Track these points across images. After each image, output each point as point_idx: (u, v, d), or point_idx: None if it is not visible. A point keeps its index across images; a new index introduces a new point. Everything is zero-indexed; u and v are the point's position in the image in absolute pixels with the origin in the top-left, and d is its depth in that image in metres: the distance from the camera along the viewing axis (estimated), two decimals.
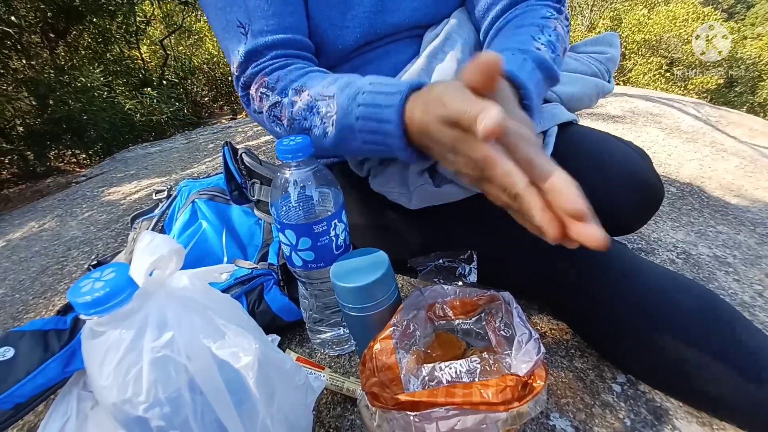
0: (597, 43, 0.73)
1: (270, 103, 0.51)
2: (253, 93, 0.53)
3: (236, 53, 0.53)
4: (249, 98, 0.55)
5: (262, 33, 0.52)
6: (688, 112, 1.74)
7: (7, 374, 0.51)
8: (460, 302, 0.49)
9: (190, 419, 0.31)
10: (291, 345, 0.64)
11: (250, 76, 0.53)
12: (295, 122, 0.50)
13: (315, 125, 0.48)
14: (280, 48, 0.53)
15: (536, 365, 0.37)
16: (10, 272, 1.11)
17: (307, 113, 0.49)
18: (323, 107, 0.47)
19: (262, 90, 0.52)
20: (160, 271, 0.32)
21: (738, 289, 0.71)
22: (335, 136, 0.47)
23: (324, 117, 0.47)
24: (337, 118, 0.46)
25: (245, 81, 0.54)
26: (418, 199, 0.56)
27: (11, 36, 3.04)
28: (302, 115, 0.49)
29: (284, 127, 0.52)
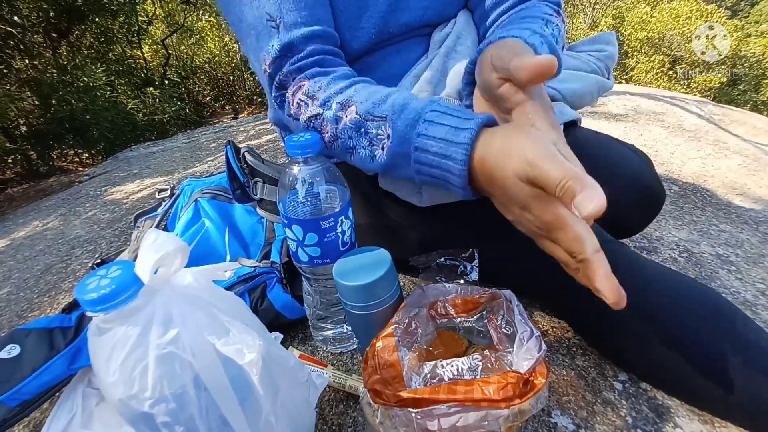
0: (595, 42, 0.73)
1: (310, 114, 0.49)
2: (290, 97, 0.51)
3: (268, 49, 0.50)
4: (284, 100, 0.52)
5: (296, 25, 0.49)
6: (691, 111, 1.73)
7: (14, 372, 0.51)
8: (462, 300, 0.49)
9: (195, 415, 0.32)
10: (294, 342, 0.64)
11: (286, 75, 0.50)
12: (339, 140, 0.48)
13: (362, 146, 0.46)
14: (316, 41, 0.51)
15: (537, 362, 0.38)
16: (14, 271, 1.12)
17: (353, 132, 0.46)
18: (373, 129, 0.45)
19: (300, 97, 0.49)
20: (165, 269, 0.32)
21: (740, 287, 0.71)
22: (385, 162, 0.45)
23: (374, 139, 0.45)
24: (391, 144, 0.43)
25: (281, 80, 0.51)
26: (429, 197, 0.56)
27: (14, 36, 3.06)
28: (347, 134, 0.47)
29: (324, 141, 0.49)
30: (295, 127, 0.53)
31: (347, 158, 0.50)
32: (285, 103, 0.52)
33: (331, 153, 0.50)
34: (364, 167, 0.48)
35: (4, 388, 0.49)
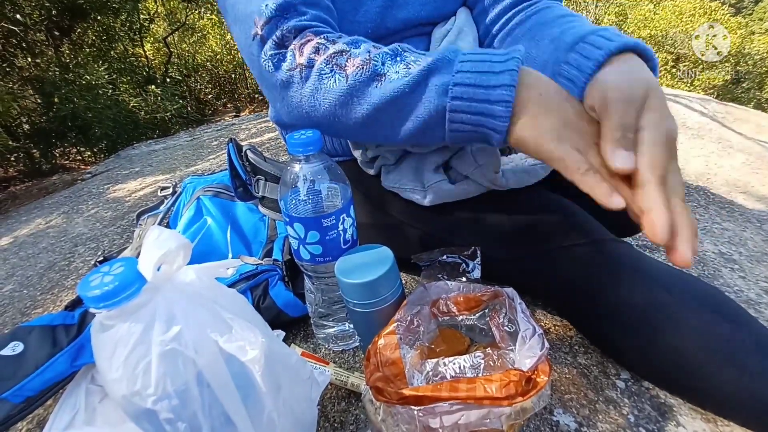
0: None
1: (334, 51, 0.43)
2: (296, 48, 0.45)
3: (261, 8, 0.45)
4: (285, 56, 0.46)
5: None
6: (694, 108, 1.73)
7: (17, 368, 0.51)
8: (464, 298, 0.49)
9: (198, 412, 0.32)
10: (296, 340, 0.64)
11: (290, 30, 0.45)
12: (370, 64, 0.42)
13: (394, 71, 0.41)
14: (318, 8, 0.47)
15: (540, 360, 0.38)
16: (18, 268, 1.12)
17: (387, 58, 0.42)
18: (411, 56, 0.41)
19: (318, 41, 0.44)
20: (168, 266, 0.32)
21: (743, 286, 0.71)
22: (417, 75, 0.40)
23: (410, 64, 0.41)
24: (431, 63, 0.40)
25: (282, 35, 0.45)
26: (433, 196, 0.56)
27: (16, 34, 3.07)
28: (381, 59, 0.42)
29: (345, 76, 0.43)
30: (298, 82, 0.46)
31: (368, 90, 0.43)
32: (287, 58, 0.46)
33: (344, 98, 0.44)
34: (386, 95, 0.42)
35: (8, 385, 0.49)
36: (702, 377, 0.44)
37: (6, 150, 2.87)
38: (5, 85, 2.90)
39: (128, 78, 4.11)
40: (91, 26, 3.81)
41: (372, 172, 0.64)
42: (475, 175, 0.55)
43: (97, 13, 3.63)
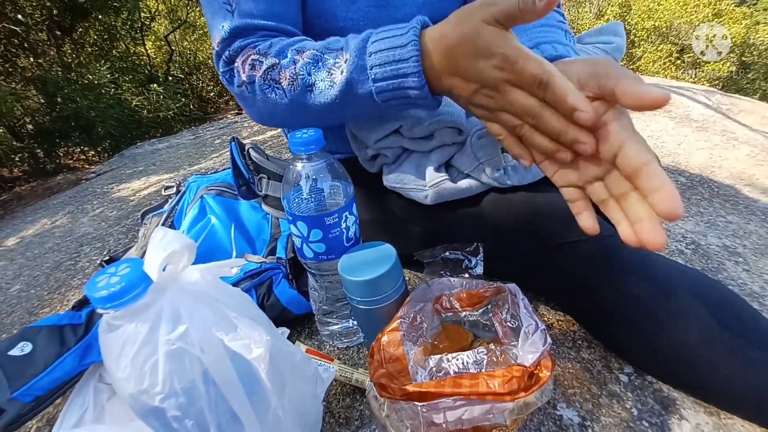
0: (601, 33, 0.72)
1: (266, 67, 0.47)
2: (239, 65, 0.50)
3: (220, 29, 0.50)
4: (233, 72, 0.51)
5: (251, 15, 0.50)
6: (698, 101, 1.71)
7: (26, 368, 0.52)
8: (467, 294, 0.49)
9: (204, 409, 0.32)
10: (300, 337, 0.65)
11: (236, 50, 0.50)
12: (298, 78, 0.46)
13: (320, 79, 0.45)
14: (268, 32, 0.51)
15: (542, 356, 0.38)
16: (24, 268, 1.13)
17: (311, 67, 0.45)
18: (330, 59, 0.44)
19: (253, 57, 0.48)
20: (173, 266, 0.32)
21: (747, 279, 0.71)
22: (345, 82, 0.44)
23: (332, 68, 0.44)
24: (349, 60, 0.43)
25: (230, 55, 0.50)
26: (435, 195, 0.56)
27: (18, 34, 3.07)
28: (306, 70, 0.45)
29: (283, 90, 0.48)
30: (250, 96, 0.51)
31: (308, 99, 0.47)
32: (235, 75, 0.51)
33: (291, 105, 0.49)
34: (325, 103, 0.46)
35: (18, 384, 0.50)
36: (705, 371, 0.44)
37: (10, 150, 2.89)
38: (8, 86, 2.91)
39: (130, 77, 4.11)
40: (93, 25, 3.81)
41: (373, 171, 0.64)
42: (477, 173, 0.55)
43: (98, 12, 3.63)
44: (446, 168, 0.57)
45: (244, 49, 0.50)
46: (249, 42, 0.50)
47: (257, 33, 0.50)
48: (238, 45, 0.50)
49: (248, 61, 0.49)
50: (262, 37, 0.51)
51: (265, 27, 0.50)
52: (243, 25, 0.50)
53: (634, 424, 0.46)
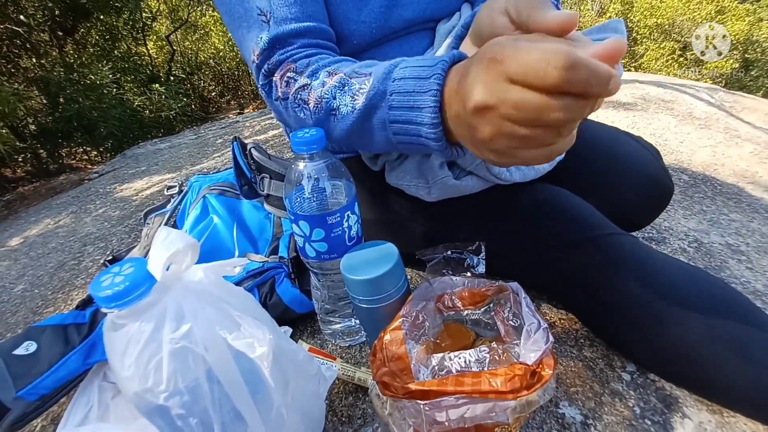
0: (603, 30, 0.72)
1: (298, 86, 0.48)
2: (277, 79, 0.50)
3: (258, 40, 0.50)
4: (272, 86, 0.52)
5: (286, 20, 0.49)
6: (701, 98, 1.70)
7: (31, 367, 0.52)
8: (469, 293, 0.49)
9: (208, 407, 0.32)
10: (303, 336, 0.65)
11: (275, 63, 0.50)
12: (323, 101, 0.46)
13: (344, 104, 0.45)
14: (307, 36, 0.51)
15: (545, 354, 0.38)
16: (28, 268, 1.14)
17: (337, 91, 0.45)
18: (356, 83, 0.43)
19: (289, 75, 0.49)
20: (177, 266, 0.32)
21: (751, 277, 0.71)
22: (363, 107, 0.43)
23: (356, 94, 0.43)
24: (370, 86, 0.42)
25: (269, 68, 0.51)
26: (438, 192, 0.56)
27: (21, 35, 3.08)
28: (332, 93, 0.45)
29: (310, 111, 0.48)
30: (284, 111, 0.52)
31: (330, 123, 0.48)
32: (273, 88, 0.51)
33: (315, 124, 0.49)
34: (346, 128, 0.46)
35: (23, 383, 0.51)
36: (707, 368, 0.44)
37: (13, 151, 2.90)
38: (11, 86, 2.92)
39: (132, 77, 4.12)
40: (95, 26, 3.81)
41: (376, 169, 0.64)
42: (479, 170, 0.55)
43: (99, 12, 3.64)
44: (449, 165, 0.57)
45: (282, 63, 0.50)
46: (288, 55, 0.50)
47: (296, 42, 0.50)
48: (277, 58, 0.50)
49: (284, 78, 0.49)
50: (301, 47, 0.50)
51: (305, 30, 0.50)
52: (281, 33, 0.49)
53: (637, 423, 0.46)
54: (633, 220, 0.65)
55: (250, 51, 0.52)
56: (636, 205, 0.60)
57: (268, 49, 0.50)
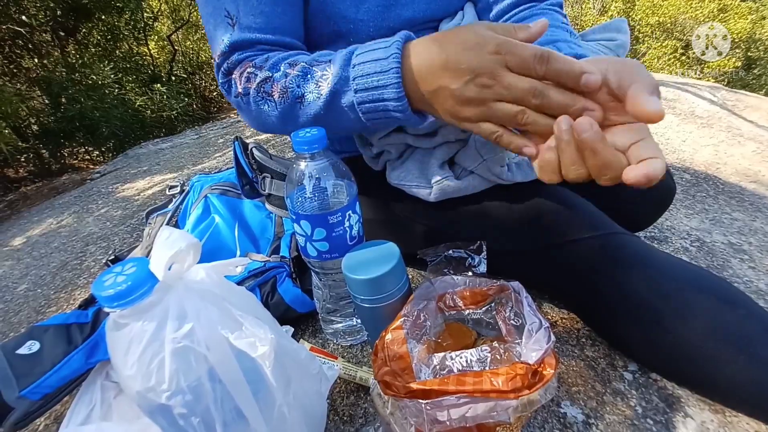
0: (606, 30, 0.72)
1: (260, 80, 0.49)
2: (237, 77, 0.52)
3: (221, 42, 0.52)
4: (231, 84, 0.53)
5: (250, 29, 0.51)
6: (703, 97, 1.70)
7: (34, 366, 0.53)
8: (470, 292, 0.49)
9: (210, 407, 0.32)
10: (304, 336, 0.65)
11: (234, 63, 0.52)
12: (288, 91, 0.48)
13: (309, 91, 0.46)
14: (267, 45, 0.52)
15: (546, 353, 0.38)
16: (31, 268, 1.14)
17: (300, 80, 0.47)
18: (318, 71, 0.46)
19: (249, 70, 0.50)
20: (179, 265, 0.33)
21: (753, 276, 0.70)
22: (329, 93, 0.45)
23: (319, 80, 0.46)
24: (334, 72, 0.45)
25: (228, 67, 0.52)
26: (439, 192, 0.56)
27: (23, 35, 3.09)
28: (296, 83, 0.47)
29: (275, 102, 0.49)
30: (245, 106, 0.53)
31: (297, 111, 0.49)
32: (232, 86, 0.52)
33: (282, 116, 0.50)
34: (313, 114, 0.48)
35: (26, 382, 0.51)
36: (709, 368, 0.44)
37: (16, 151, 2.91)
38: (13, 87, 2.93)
39: (134, 77, 4.12)
40: (96, 26, 3.82)
41: (377, 168, 0.64)
42: (480, 170, 0.55)
43: (101, 12, 3.65)
44: (450, 165, 0.57)
45: (242, 62, 0.51)
46: (247, 55, 0.51)
47: (256, 47, 0.52)
48: (236, 58, 0.51)
49: (244, 74, 0.50)
50: (260, 51, 0.52)
51: (264, 41, 0.52)
52: (242, 40, 0.51)
53: (639, 422, 0.46)
54: (635, 221, 0.65)
55: (215, 48, 0.53)
56: (639, 205, 0.60)
57: (228, 51, 0.52)
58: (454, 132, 0.56)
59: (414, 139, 0.58)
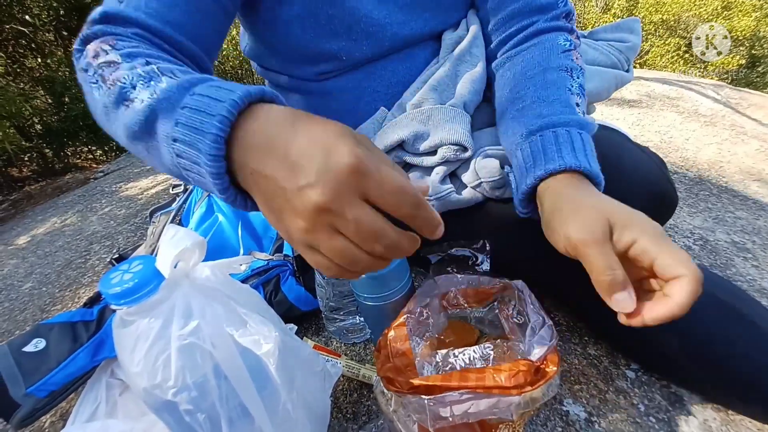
0: (617, 30, 0.70)
1: (105, 60, 0.38)
2: (90, 48, 0.41)
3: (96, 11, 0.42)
4: (82, 55, 0.42)
5: (136, 9, 0.42)
6: (706, 95, 1.69)
7: (40, 364, 0.53)
8: (474, 291, 0.49)
9: (216, 403, 0.33)
10: (308, 333, 0.66)
11: (96, 33, 0.41)
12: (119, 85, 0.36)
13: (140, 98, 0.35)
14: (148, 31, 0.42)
15: (549, 351, 0.38)
16: (36, 266, 1.15)
17: (141, 81, 0.35)
18: (165, 82, 0.35)
19: (103, 47, 0.39)
20: (184, 263, 0.33)
21: (756, 275, 0.70)
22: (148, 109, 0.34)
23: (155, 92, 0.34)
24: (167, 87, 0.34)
25: (87, 34, 0.42)
26: (440, 205, 0.56)
27: (26, 35, 3.10)
28: (133, 81, 0.36)
29: (104, 91, 0.38)
30: (83, 84, 0.42)
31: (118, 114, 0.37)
32: (83, 56, 0.41)
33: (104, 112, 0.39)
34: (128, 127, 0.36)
35: (32, 380, 0.51)
36: (711, 370, 0.44)
37: (20, 150, 2.92)
38: (17, 86, 2.95)
39: None
40: None
41: None
42: (480, 188, 0.55)
43: None
44: (451, 178, 0.56)
45: (105, 36, 0.41)
46: (116, 33, 0.41)
47: (133, 30, 0.41)
48: (102, 29, 0.41)
49: (97, 48, 0.40)
50: (136, 36, 0.41)
51: (149, 27, 0.42)
52: (118, 13, 0.41)
53: (641, 420, 0.46)
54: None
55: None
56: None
57: (97, 20, 0.42)
58: (453, 153, 0.54)
59: (412, 157, 0.57)
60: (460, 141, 0.53)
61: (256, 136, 0.29)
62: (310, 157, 0.26)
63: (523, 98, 0.50)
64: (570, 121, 0.46)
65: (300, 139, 0.27)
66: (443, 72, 0.57)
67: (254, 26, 0.57)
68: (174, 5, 0.43)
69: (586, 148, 0.44)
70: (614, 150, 0.60)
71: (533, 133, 0.46)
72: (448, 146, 0.54)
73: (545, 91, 0.49)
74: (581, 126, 0.46)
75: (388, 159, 0.29)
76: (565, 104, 0.47)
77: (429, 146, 0.54)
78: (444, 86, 0.57)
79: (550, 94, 0.48)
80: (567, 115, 0.46)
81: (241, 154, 0.29)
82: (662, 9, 6.85)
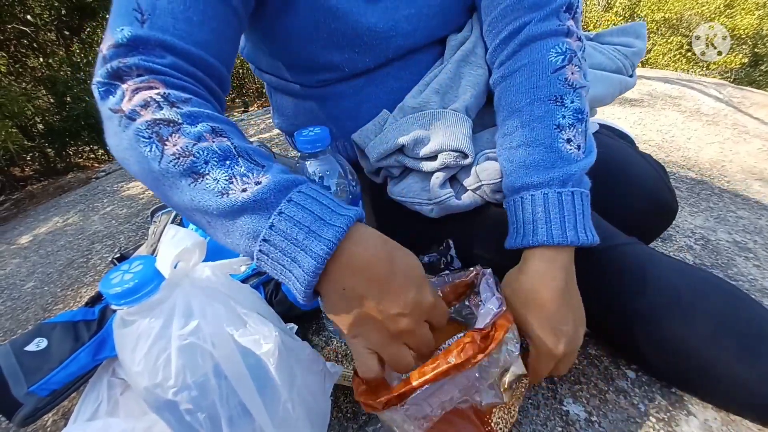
0: (624, 34, 0.69)
1: (162, 117, 0.36)
2: (128, 89, 0.37)
3: (118, 31, 0.38)
4: (114, 91, 0.38)
5: (164, 31, 0.39)
6: (709, 94, 1.69)
7: (42, 363, 0.54)
8: (450, 288, 0.49)
9: (216, 402, 0.33)
10: (308, 333, 0.66)
11: (131, 68, 0.38)
12: (188, 159, 0.35)
13: (214, 178, 0.34)
14: (184, 59, 0.40)
15: (496, 317, 0.38)
16: (38, 266, 1.16)
17: (214, 157, 0.35)
18: (243, 168, 0.35)
19: (153, 96, 0.37)
20: (185, 263, 0.33)
21: (758, 275, 0.70)
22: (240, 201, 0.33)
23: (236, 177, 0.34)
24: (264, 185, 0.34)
25: (119, 67, 0.38)
26: (440, 210, 0.55)
27: (28, 35, 3.11)
28: (206, 157, 0.35)
29: (161, 153, 0.35)
30: (118, 129, 0.38)
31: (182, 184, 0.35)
32: (115, 95, 0.38)
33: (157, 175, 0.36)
34: (200, 203, 0.35)
35: (34, 379, 0.52)
36: (711, 373, 0.43)
37: (22, 150, 2.93)
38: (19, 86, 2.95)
39: None
40: (100, 25, 3.83)
41: (378, 181, 0.63)
42: (480, 191, 0.55)
43: (105, 11, 3.65)
44: (451, 182, 0.56)
45: (147, 76, 0.38)
46: (153, 67, 0.38)
47: (167, 57, 0.39)
48: (135, 62, 0.38)
49: (143, 95, 0.37)
50: (174, 68, 0.39)
51: (182, 52, 0.40)
52: (152, 38, 0.38)
53: (641, 420, 0.46)
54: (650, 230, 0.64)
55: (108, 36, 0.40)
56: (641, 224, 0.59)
57: (126, 45, 0.38)
58: (454, 159, 0.54)
59: (413, 162, 0.56)
60: (461, 147, 0.52)
61: (354, 259, 0.34)
62: (406, 294, 0.35)
63: (511, 137, 0.50)
64: (551, 180, 0.46)
65: (398, 276, 0.35)
66: (446, 74, 0.56)
67: (255, 34, 0.57)
68: (201, 23, 0.41)
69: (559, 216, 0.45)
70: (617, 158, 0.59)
71: (517, 191, 0.48)
72: (449, 152, 0.53)
73: (531, 132, 0.48)
74: (562, 183, 0.45)
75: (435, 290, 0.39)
76: (550, 149, 0.46)
77: (429, 151, 0.53)
78: (446, 88, 0.56)
79: (537, 136, 0.47)
80: (548, 171, 0.46)
81: (338, 273, 0.34)
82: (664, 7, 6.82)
